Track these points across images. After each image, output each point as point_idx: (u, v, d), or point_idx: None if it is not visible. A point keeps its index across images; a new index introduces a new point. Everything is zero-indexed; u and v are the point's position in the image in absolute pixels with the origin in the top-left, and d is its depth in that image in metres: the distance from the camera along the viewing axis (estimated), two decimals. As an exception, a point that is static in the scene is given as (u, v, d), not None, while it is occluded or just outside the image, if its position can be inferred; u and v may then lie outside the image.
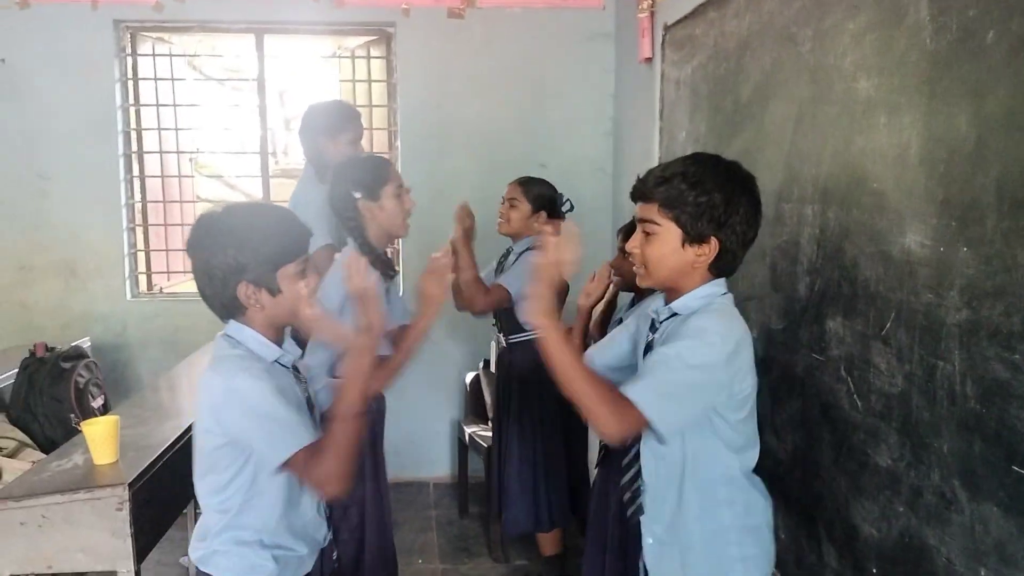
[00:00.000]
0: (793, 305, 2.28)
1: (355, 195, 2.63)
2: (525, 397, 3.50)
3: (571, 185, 3.60)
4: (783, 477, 2.29)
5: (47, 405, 3.93)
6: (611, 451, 2.75)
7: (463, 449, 4.54)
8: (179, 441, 2.78)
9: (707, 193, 1.71)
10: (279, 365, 1.87)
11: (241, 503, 1.82)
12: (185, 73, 5.30)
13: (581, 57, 4.75)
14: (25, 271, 4.64)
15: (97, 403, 4.16)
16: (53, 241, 4.63)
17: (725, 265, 1.80)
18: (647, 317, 1.94)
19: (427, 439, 4.91)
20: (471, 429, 4.34)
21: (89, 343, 4.47)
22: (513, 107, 4.77)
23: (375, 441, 2.76)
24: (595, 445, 3.39)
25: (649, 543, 1.92)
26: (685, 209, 1.73)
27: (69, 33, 4.50)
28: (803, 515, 2.24)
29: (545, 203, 3.45)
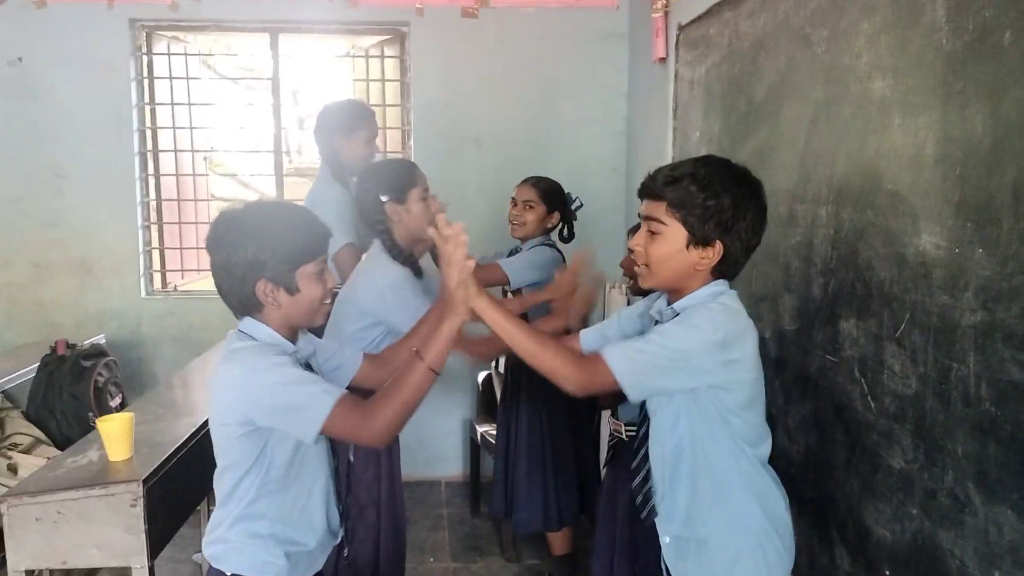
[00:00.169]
0: (807, 306, 2.28)
1: (382, 198, 2.65)
2: (534, 396, 3.49)
3: (584, 185, 3.60)
4: (796, 478, 2.29)
5: (66, 403, 3.95)
6: (620, 451, 2.74)
7: (475, 448, 4.54)
8: (193, 438, 2.80)
9: (716, 196, 1.70)
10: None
11: (257, 491, 1.82)
12: (200, 72, 5.33)
13: (595, 57, 4.75)
14: (41, 268, 4.67)
15: (115, 402, 4.18)
16: (68, 239, 4.66)
17: (727, 270, 1.79)
18: (651, 319, 1.93)
19: (439, 438, 4.91)
20: (483, 428, 4.34)
21: (104, 340, 4.49)
22: (526, 106, 4.77)
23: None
24: (604, 444, 3.38)
25: (667, 542, 1.90)
26: (693, 211, 1.71)
27: (85, 32, 4.53)
28: (816, 516, 2.23)
29: (558, 203, 3.45)
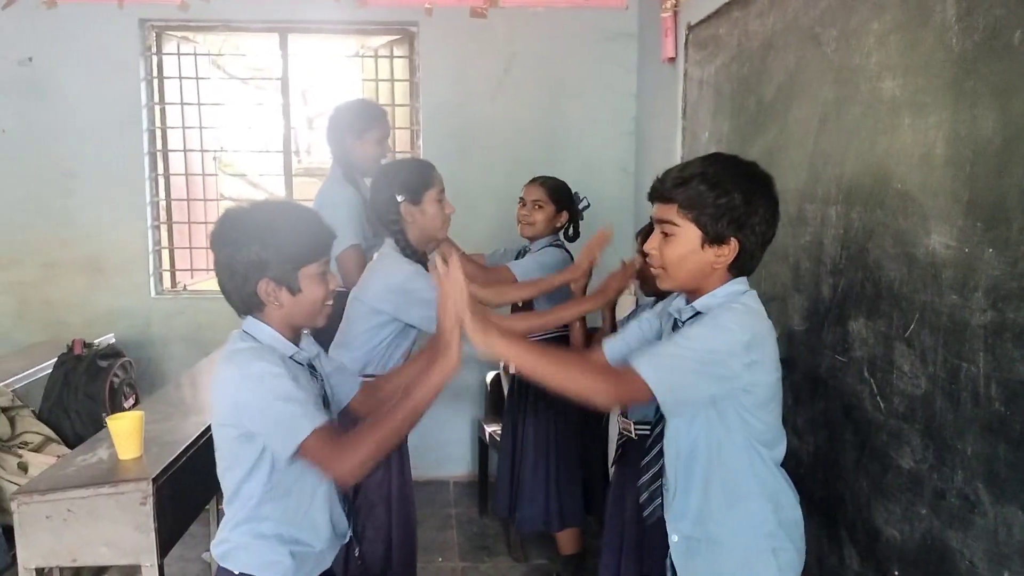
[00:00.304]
0: (816, 306, 2.27)
1: (398, 198, 2.65)
2: (542, 396, 3.49)
3: (593, 185, 3.59)
4: (805, 478, 2.28)
5: (81, 402, 3.95)
6: (629, 450, 2.74)
7: (483, 448, 4.54)
8: (202, 437, 2.80)
9: (727, 194, 1.69)
10: (294, 362, 1.88)
11: (261, 494, 1.82)
12: (209, 72, 5.35)
13: (604, 57, 4.75)
14: (50, 268, 4.69)
15: (128, 403, 4.18)
16: (78, 238, 4.68)
17: (744, 265, 1.79)
18: (669, 316, 1.93)
19: (447, 438, 4.91)
20: (491, 428, 4.34)
21: (113, 340, 4.50)
22: (535, 106, 4.77)
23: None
24: (613, 443, 3.38)
25: (675, 540, 1.89)
26: (705, 210, 1.71)
27: (95, 32, 4.54)
28: (825, 516, 2.23)
29: (566, 202, 3.44)
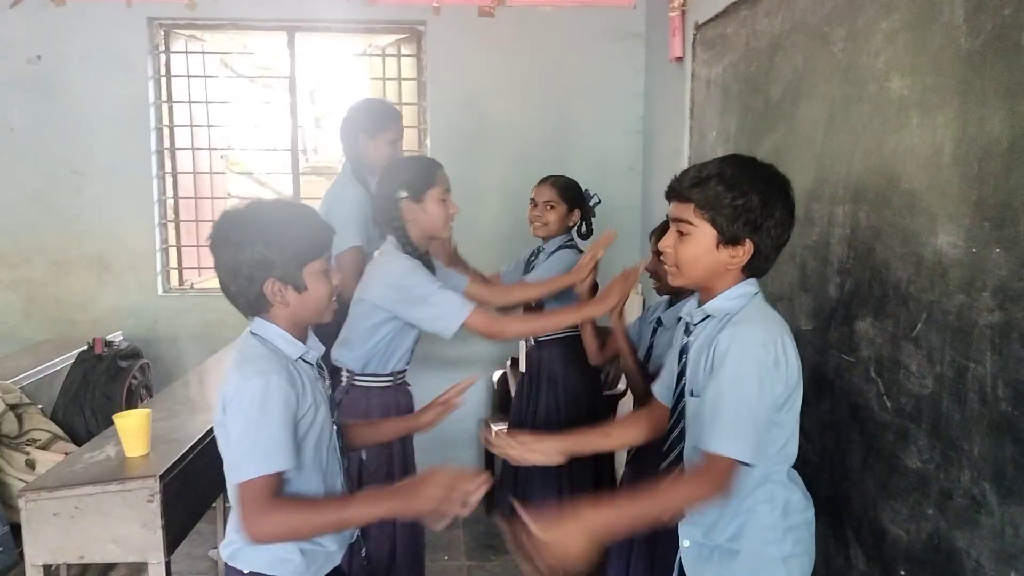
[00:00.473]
0: (823, 305, 2.27)
1: (400, 195, 2.64)
2: (553, 396, 3.49)
3: (601, 184, 3.58)
4: (811, 478, 2.26)
5: (98, 401, 3.96)
6: (641, 451, 2.74)
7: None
8: (209, 435, 2.80)
9: (744, 195, 1.70)
10: (303, 362, 1.88)
11: None
12: (217, 70, 5.36)
13: (611, 56, 4.74)
14: (59, 265, 4.71)
15: (143, 406, 4.19)
16: (86, 236, 4.69)
17: (758, 267, 1.79)
18: (680, 321, 1.93)
19: (454, 437, 4.89)
20: (498, 427, 4.33)
21: (121, 337, 4.52)
22: (543, 106, 4.77)
23: (405, 439, 2.77)
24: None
25: (686, 545, 1.90)
26: (721, 211, 1.71)
27: (104, 30, 4.56)
28: (831, 516, 2.22)
29: (578, 201, 3.44)
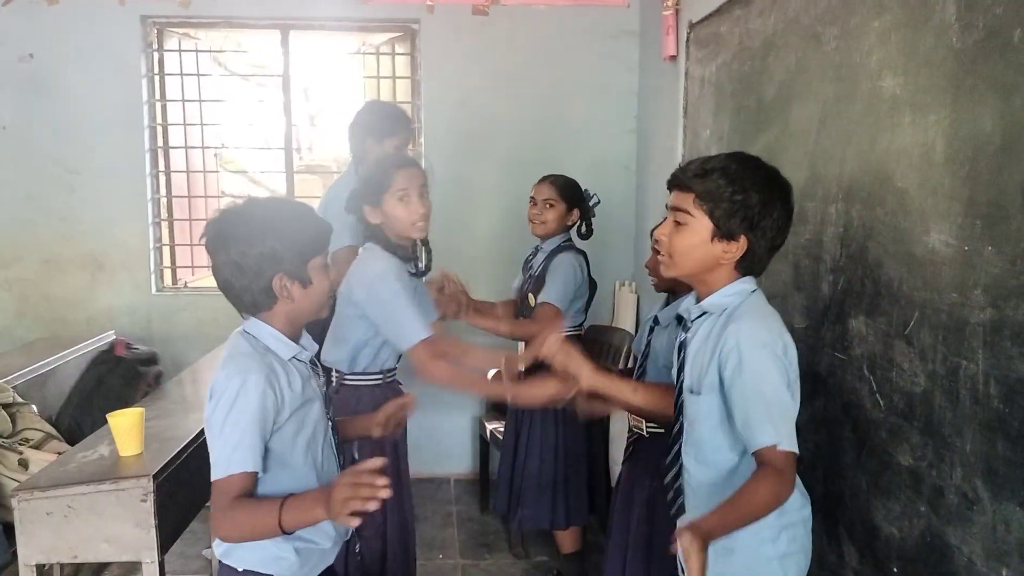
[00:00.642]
0: (816, 304, 2.28)
1: (364, 204, 2.64)
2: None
3: (595, 182, 3.58)
4: (804, 475, 2.26)
5: (112, 404, 3.91)
6: (639, 448, 2.74)
7: (484, 445, 4.55)
8: (203, 434, 2.80)
9: (744, 192, 1.72)
10: (297, 361, 1.88)
11: (259, 492, 1.82)
12: (211, 69, 5.34)
13: (605, 55, 4.74)
14: (51, 264, 4.69)
15: None
16: (79, 235, 4.68)
17: (751, 265, 1.80)
18: (676, 317, 1.94)
19: (448, 435, 4.91)
20: (492, 425, 4.34)
21: (114, 336, 4.51)
22: (537, 104, 4.77)
23: (397, 439, 2.77)
24: (618, 442, 3.38)
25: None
26: (720, 204, 1.73)
27: (96, 29, 4.54)
28: (824, 514, 2.23)
29: (577, 200, 3.44)
